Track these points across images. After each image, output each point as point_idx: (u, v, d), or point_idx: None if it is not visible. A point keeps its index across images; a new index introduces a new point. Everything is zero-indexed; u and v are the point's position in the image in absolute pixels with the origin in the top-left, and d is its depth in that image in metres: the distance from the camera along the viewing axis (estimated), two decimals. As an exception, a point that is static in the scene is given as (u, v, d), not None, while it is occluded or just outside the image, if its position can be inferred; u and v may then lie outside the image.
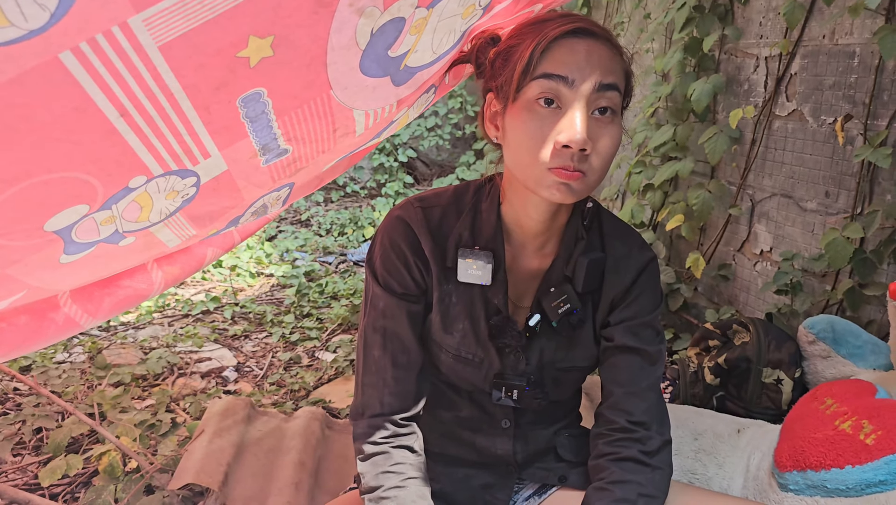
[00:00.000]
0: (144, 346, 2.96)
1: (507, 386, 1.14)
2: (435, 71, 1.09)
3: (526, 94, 0.97)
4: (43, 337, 1.17)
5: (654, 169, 2.89)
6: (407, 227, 1.11)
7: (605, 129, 0.98)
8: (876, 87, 1.90)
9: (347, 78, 0.91)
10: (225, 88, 0.78)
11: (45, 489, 1.90)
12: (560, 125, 0.95)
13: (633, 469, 1.07)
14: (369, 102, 1.02)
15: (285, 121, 0.92)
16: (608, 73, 0.96)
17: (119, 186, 0.85)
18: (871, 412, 1.40)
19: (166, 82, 0.72)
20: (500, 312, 1.13)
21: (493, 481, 1.23)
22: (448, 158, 6.03)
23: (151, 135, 0.79)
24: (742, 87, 2.50)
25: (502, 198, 1.13)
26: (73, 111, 0.69)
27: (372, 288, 1.14)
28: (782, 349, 1.93)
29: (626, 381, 1.12)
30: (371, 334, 1.14)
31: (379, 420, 1.12)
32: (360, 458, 1.12)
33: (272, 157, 1.00)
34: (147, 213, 0.95)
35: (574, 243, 1.13)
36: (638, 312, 1.14)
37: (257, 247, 4.51)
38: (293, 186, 1.26)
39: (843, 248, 1.93)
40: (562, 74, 0.95)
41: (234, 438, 2.00)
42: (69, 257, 0.95)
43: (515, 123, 0.99)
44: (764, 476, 1.49)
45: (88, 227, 0.89)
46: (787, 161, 2.29)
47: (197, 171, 0.92)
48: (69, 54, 0.63)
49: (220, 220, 1.17)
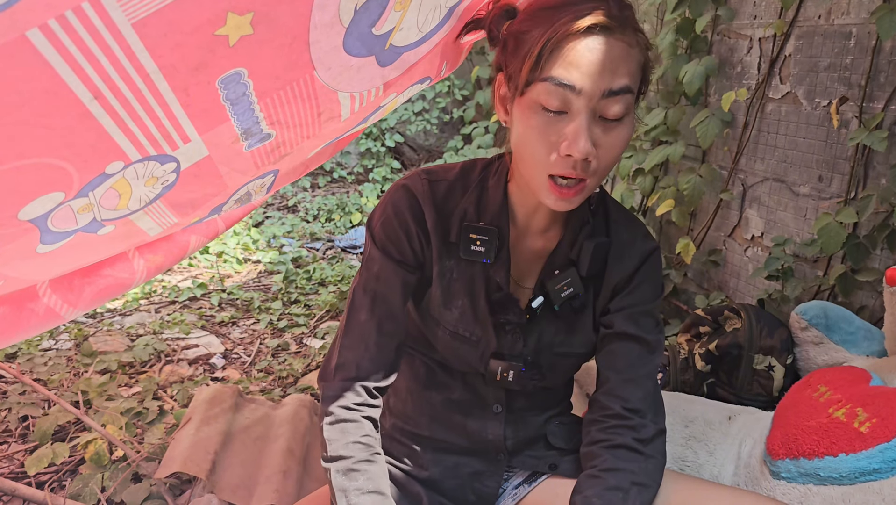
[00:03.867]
0: (131, 333, 2.94)
1: (503, 365, 1.14)
2: (423, 54, 1.07)
3: (533, 93, 0.94)
4: (23, 328, 1.15)
5: (644, 153, 2.88)
6: (412, 197, 1.11)
7: (611, 134, 0.95)
8: (872, 68, 1.88)
9: (331, 58, 0.89)
10: (204, 69, 0.76)
11: (32, 477, 1.88)
12: (565, 132, 0.93)
13: (626, 457, 1.06)
14: (354, 84, 1.00)
15: (267, 103, 0.90)
16: (620, 76, 0.92)
17: (95, 172, 0.82)
18: (865, 400, 1.40)
19: (141, 62, 0.69)
20: (502, 289, 1.12)
21: (482, 469, 1.22)
22: (436, 143, 6.00)
23: (127, 118, 0.76)
24: (735, 70, 2.48)
25: (510, 176, 1.13)
26: (44, 93, 0.66)
27: (369, 250, 1.14)
28: (774, 336, 1.93)
29: (624, 367, 1.11)
30: (360, 296, 1.13)
31: (352, 383, 1.10)
32: (329, 421, 1.09)
33: (255, 141, 0.97)
34: (126, 201, 0.92)
35: (580, 227, 1.13)
36: (639, 300, 1.13)
37: (244, 233, 4.48)
38: (278, 174, 1.24)
39: (835, 233, 1.92)
40: (568, 83, 0.91)
41: (221, 426, 1.98)
42: (46, 247, 0.92)
43: (521, 119, 0.97)
44: (755, 464, 1.49)
45: (65, 215, 0.86)
46: (780, 145, 2.27)
47: (177, 156, 0.89)
48: (37, 32, 0.60)
49: (202, 208, 1.14)
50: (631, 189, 3.03)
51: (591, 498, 1.02)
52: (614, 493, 1.02)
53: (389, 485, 1.09)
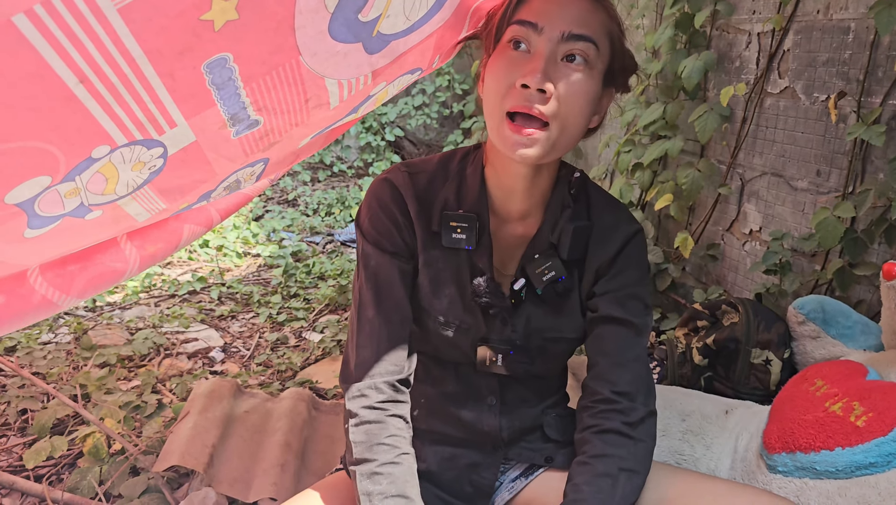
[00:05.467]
0: (130, 326, 2.94)
1: (491, 350, 1.15)
2: (414, 44, 1.07)
3: (504, 39, 1.02)
4: (16, 316, 1.15)
5: (643, 148, 2.87)
6: (394, 188, 1.13)
7: (570, 78, 0.99)
8: (870, 63, 1.88)
9: (317, 43, 0.89)
10: (189, 53, 0.76)
11: (30, 471, 1.88)
12: (523, 68, 0.98)
13: (615, 442, 1.06)
14: (342, 71, 1.00)
15: (254, 88, 0.90)
16: (581, 24, 0.99)
17: (82, 157, 0.82)
18: (861, 394, 1.40)
19: (127, 46, 0.70)
20: (485, 274, 1.13)
21: (479, 460, 1.22)
22: (436, 137, 5.99)
23: (113, 102, 0.76)
24: (733, 64, 2.48)
25: (485, 161, 1.15)
26: (30, 77, 0.66)
27: (363, 248, 1.15)
28: (771, 330, 1.93)
29: (611, 351, 1.12)
30: (365, 294, 1.13)
31: (375, 381, 1.10)
32: (354, 423, 1.08)
33: (243, 128, 0.97)
34: (113, 186, 0.93)
35: (560, 211, 1.14)
36: (624, 282, 1.14)
37: (244, 227, 4.48)
38: (268, 162, 1.24)
39: (833, 227, 1.92)
40: (531, 21, 0.98)
41: (219, 420, 1.98)
42: (34, 231, 0.92)
43: (490, 70, 1.04)
44: (752, 457, 1.49)
45: (52, 199, 0.87)
46: (779, 139, 2.27)
47: (163, 141, 0.89)
48: (23, 17, 0.60)
49: (190, 195, 1.14)
50: (630, 184, 3.03)
51: (580, 485, 1.02)
52: (603, 479, 1.02)
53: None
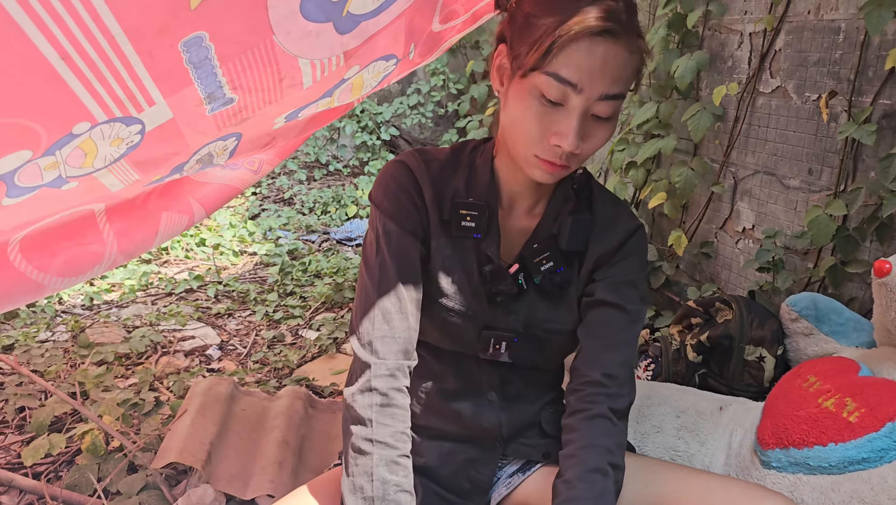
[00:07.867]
0: (128, 324, 2.95)
1: (495, 337, 1.16)
2: (383, 25, 1.08)
3: (534, 80, 0.99)
4: (1, 295, 1.17)
5: (636, 146, 2.88)
6: (410, 172, 1.15)
7: (598, 130, 1.02)
8: (861, 63, 1.90)
9: (290, 22, 0.91)
10: (167, 32, 0.78)
11: (28, 468, 1.89)
12: (557, 124, 0.99)
13: (602, 430, 1.07)
14: (315, 51, 1.02)
15: (230, 67, 0.92)
16: (617, 82, 0.99)
17: (62, 133, 0.84)
18: (854, 390, 1.41)
19: (107, 25, 0.72)
20: (493, 261, 1.15)
21: (477, 456, 1.23)
22: (431, 137, 6.00)
23: (94, 80, 0.78)
24: (726, 64, 2.49)
25: (495, 152, 1.17)
26: (13, 55, 0.68)
27: (384, 225, 1.13)
28: (765, 327, 1.94)
29: (603, 334, 1.13)
30: (387, 269, 1.12)
31: (403, 364, 1.10)
32: (380, 402, 1.07)
33: (218, 105, 0.99)
34: (91, 160, 0.95)
35: (562, 203, 1.17)
36: (622, 270, 1.16)
37: (240, 225, 4.48)
38: (241, 138, 1.25)
39: (825, 225, 1.94)
40: (572, 81, 0.96)
41: (217, 417, 1.99)
42: (11, 200, 0.95)
43: (518, 100, 1.02)
44: (746, 453, 1.50)
45: (32, 172, 0.89)
46: (771, 138, 2.29)
47: (142, 118, 0.91)
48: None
49: (163, 167, 1.17)
50: (623, 182, 3.04)
51: (572, 481, 1.03)
52: (594, 475, 1.03)
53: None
